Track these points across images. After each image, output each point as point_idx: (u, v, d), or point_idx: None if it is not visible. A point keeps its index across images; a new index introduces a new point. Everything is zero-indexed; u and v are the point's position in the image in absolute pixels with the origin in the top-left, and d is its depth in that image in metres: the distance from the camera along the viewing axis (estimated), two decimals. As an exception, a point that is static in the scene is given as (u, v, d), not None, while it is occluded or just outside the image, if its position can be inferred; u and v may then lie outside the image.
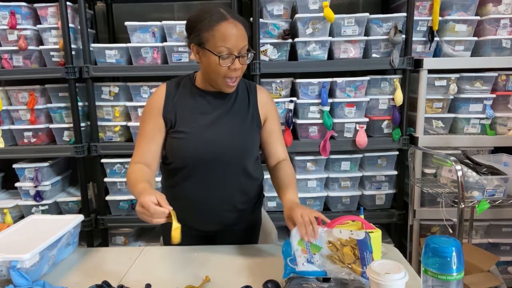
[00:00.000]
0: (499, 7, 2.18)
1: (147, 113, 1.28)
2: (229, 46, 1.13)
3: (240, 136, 1.26)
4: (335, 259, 0.96)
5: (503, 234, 2.30)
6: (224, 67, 1.15)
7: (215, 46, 1.14)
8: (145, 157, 1.25)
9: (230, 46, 1.13)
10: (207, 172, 1.25)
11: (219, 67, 1.15)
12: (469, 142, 2.21)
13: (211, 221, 1.32)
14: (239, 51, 1.15)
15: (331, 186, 2.32)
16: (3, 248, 1.07)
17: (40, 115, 2.30)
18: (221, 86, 1.22)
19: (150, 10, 2.53)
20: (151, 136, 1.26)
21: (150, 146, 1.26)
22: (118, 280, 1.08)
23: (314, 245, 1.00)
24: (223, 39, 1.13)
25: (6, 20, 2.16)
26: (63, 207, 2.40)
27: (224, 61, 1.15)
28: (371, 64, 2.19)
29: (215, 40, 1.13)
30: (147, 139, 1.26)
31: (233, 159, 1.26)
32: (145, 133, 1.27)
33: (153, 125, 1.26)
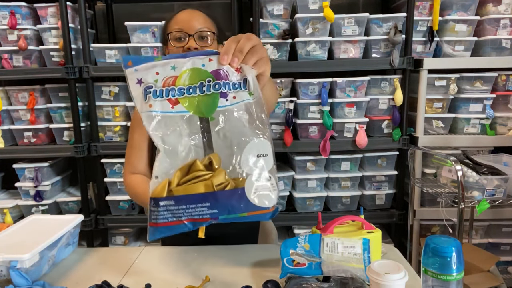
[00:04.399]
0: (499, 7, 2.18)
1: (133, 123, 1.30)
2: (181, 26, 1.13)
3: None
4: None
5: (503, 234, 2.30)
6: (179, 47, 1.14)
7: (171, 30, 1.15)
8: (138, 168, 1.27)
9: (182, 26, 1.13)
10: None
11: (175, 50, 1.14)
12: (469, 142, 2.21)
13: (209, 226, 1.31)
14: (196, 30, 1.13)
15: (331, 186, 2.32)
16: (3, 248, 1.07)
17: (40, 115, 2.30)
18: None
19: (150, 10, 2.53)
20: (140, 146, 1.27)
21: (140, 156, 1.27)
22: (118, 280, 1.08)
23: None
24: (176, 22, 1.15)
25: (6, 20, 2.16)
26: (63, 207, 2.40)
27: (179, 42, 1.14)
28: (371, 64, 2.19)
29: (171, 26, 1.15)
30: (136, 150, 1.27)
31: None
32: (133, 144, 1.28)
33: (140, 134, 1.27)
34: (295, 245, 1.01)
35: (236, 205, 0.69)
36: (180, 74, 0.70)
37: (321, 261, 0.95)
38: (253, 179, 0.70)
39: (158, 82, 0.70)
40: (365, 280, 0.89)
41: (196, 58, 0.71)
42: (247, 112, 0.71)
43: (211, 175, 0.69)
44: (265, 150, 0.71)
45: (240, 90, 0.71)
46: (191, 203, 0.69)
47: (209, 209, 0.69)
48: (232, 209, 0.70)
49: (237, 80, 0.71)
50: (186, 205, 0.69)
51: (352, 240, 0.99)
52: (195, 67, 0.70)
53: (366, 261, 0.94)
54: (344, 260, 0.95)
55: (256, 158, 0.70)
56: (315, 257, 0.96)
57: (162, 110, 0.70)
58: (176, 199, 0.68)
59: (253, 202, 0.69)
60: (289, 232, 2.46)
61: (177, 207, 0.69)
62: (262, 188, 0.70)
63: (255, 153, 0.70)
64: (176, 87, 0.70)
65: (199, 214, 0.69)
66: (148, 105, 0.70)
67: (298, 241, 1.02)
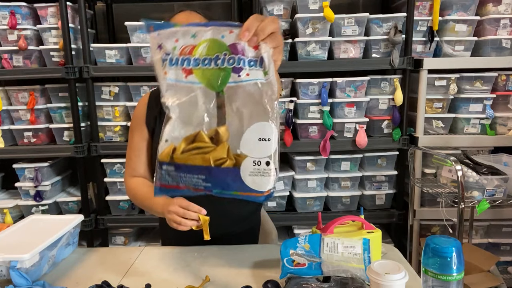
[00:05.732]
0: (499, 7, 2.18)
1: (133, 125, 1.30)
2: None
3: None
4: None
5: (503, 234, 2.30)
6: None
7: None
8: (139, 170, 1.27)
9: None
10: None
11: None
12: (469, 142, 2.21)
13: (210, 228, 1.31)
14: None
15: (331, 186, 2.32)
16: (3, 248, 1.07)
17: (40, 115, 2.30)
18: None
19: (150, 10, 2.53)
20: (140, 148, 1.27)
21: (140, 158, 1.27)
22: (118, 280, 1.08)
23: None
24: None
25: (6, 20, 2.16)
26: (63, 207, 2.40)
27: None
28: (371, 64, 2.19)
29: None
30: (136, 152, 1.28)
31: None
32: (133, 146, 1.28)
33: (139, 137, 1.27)
34: (295, 245, 1.01)
35: (230, 183, 0.70)
36: (198, 43, 0.69)
37: (321, 261, 0.95)
38: (250, 161, 0.69)
39: (176, 50, 0.70)
40: (365, 280, 0.89)
41: (217, 28, 0.69)
42: (258, 92, 0.69)
43: (213, 149, 0.69)
44: (268, 135, 0.69)
45: (254, 68, 0.69)
46: (188, 173, 0.70)
47: (204, 181, 0.70)
48: (226, 186, 0.70)
49: (253, 58, 0.69)
50: (183, 174, 0.71)
51: (352, 240, 0.99)
52: (214, 38, 0.69)
53: (366, 261, 0.94)
54: (344, 260, 0.95)
55: (257, 141, 0.69)
56: (315, 257, 0.96)
57: (175, 78, 0.71)
58: (176, 166, 0.71)
59: (247, 183, 0.69)
60: (289, 232, 2.46)
61: (176, 173, 0.72)
62: (258, 171, 0.69)
63: (258, 136, 0.69)
64: (192, 57, 0.69)
65: (195, 184, 0.71)
66: (164, 72, 0.71)
67: (298, 241, 1.02)
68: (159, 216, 1.17)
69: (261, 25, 0.69)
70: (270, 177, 0.71)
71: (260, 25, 0.69)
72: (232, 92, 0.70)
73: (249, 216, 1.35)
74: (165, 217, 1.09)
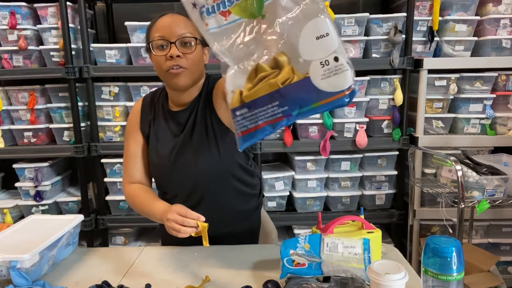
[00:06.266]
0: (499, 7, 2.18)
1: (127, 132, 1.30)
2: (162, 33, 1.11)
3: (207, 155, 1.18)
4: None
5: (503, 234, 2.31)
6: (161, 56, 1.12)
7: (153, 38, 1.13)
8: (136, 176, 1.28)
9: (163, 33, 1.11)
10: (194, 192, 1.24)
11: (158, 58, 1.12)
12: (469, 142, 2.21)
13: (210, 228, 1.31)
14: (177, 36, 1.11)
15: (331, 186, 2.32)
16: (3, 248, 1.07)
17: (40, 115, 2.30)
18: (169, 82, 1.16)
19: (150, 10, 2.53)
20: (136, 154, 1.27)
21: (137, 164, 1.27)
22: (118, 280, 1.08)
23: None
24: (157, 29, 1.13)
25: (6, 20, 2.16)
26: (63, 207, 2.40)
27: (161, 50, 1.12)
28: (371, 64, 2.19)
29: (153, 33, 1.13)
30: (132, 159, 1.28)
31: (212, 178, 1.21)
32: (129, 153, 1.28)
33: (134, 143, 1.27)
34: (295, 245, 1.01)
35: (305, 97, 0.65)
36: None
37: (321, 261, 0.95)
38: (317, 64, 0.64)
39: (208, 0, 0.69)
40: (365, 280, 0.89)
41: None
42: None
43: (277, 73, 0.67)
44: (324, 30, 0.64)
45: None
46: (262, 106, 0.67)
47: (279, 107, 0.66)
48: (302, 102, 0.66)
49: None
50: (258, 109, 0.67)
51: (352, 240, 0.99)
52: None
53: (366, 261, 0.94)
54: (344, 260, 0.95)
55: (316, 40, 0.64)
56: (315, 257, 0.96)
57: (218, 25, 0.69)
58: (247, 106, 0.68)
59: (323, 89, 0.64)
60: (289, 232, 2.46)
61: (251, 113, 0.69)
62: (330, 71, 0.64)
63: (314, 35, 0.64)
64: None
65: (272, 115, 0.67)
66: (205, 24, 0.70)
67: (298, 241, 1.02)
68: (158, 222, 1.17)
69: None
70: (344, 72, 0.65)
71: None
72: (272, 8, 0.67)
73: (249, 215, 1.35)
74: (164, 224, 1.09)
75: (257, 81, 0.67)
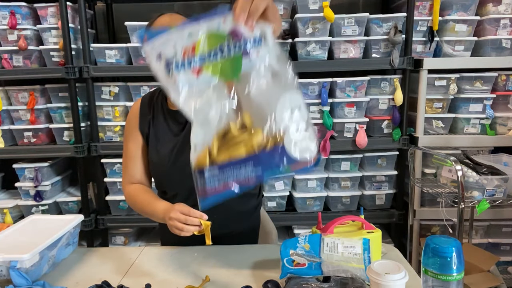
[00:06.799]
0: (499, 7, 2.18)
1: (126, 133, 1.30)
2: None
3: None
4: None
5: (503, 234, 2.30)
6: None
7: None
8: (136, 177, 1.28)
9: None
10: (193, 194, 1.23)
11: None
12: (469, 142, 2.21)
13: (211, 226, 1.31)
14: None
15: (331, 186, 2.32)
16: (3, 248, 1.07)
17: (40, 115, 2.30)
18: None
19: (150, 10, 2.52)
20: (135, 155, 1.27)
21: (136, 165, 1.28)
22: (118, 280, 1.08)
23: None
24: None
25: (6, 20, 2.16)
26: (63, 207, 2.40)
27: None
28: (371, 64, 2.19)
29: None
30: (132, 160, 1.28)
31: None
32: (128, 153, 1.28)
33: (133, 143, 1.28)
34: (295, 245, 1.01)
35: (279, 162, 0.69)
36: (197, 41, 0.67)
37: (321, 261, 0.95)
38: (291, 133, 0.69)
39: (177, 54, 0.68)
40: (365, 280, 0.89)
41: (210, 21, 0.68)
42: (272, 67, 0.68)
43: (250, 136, 0.68)
44: (297, 102, 0.69)
45: (260, 46, 0.68)
46: (236, 167, 0.69)
47: (254, 169, 0.69)
48: (276, 166, 0.70)
49: (256, 36, 0.68)
50: (231, 169, 0.69)
51: (352, 240, 0.99)
52: (211, 30, 0.67)
53: (366, 261, 0.94)
54: (344, 260, 0.95)
55: (290, 111, 0.68)
56: (315, 257, 0.96)
57: (188, 82, 0.69)
58: (219, 166, 0.69)
59: (295, 156, 0.69)
60: (289, 232, 2.46)
61: (222, 173, 0.69)
62: (301, 140, 0.69)
63: (289, 107, 0.68)
64: (197, 55, 0.67)
65: (245, 175, 0.69)
66: (173, 80, 0.69)
67: (298, 241, 1.02)
68: (160, 222, 1.17)
69: (253, 4, 0.67)
70: (313, 141, 0.71)
71: (252, 5, 0.67)
72: (249, 75, 0.69)
73: (248, 215, 1.35)
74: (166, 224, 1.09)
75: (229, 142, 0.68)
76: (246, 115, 0.69)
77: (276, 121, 0.67)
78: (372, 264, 0.82)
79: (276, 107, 0.68)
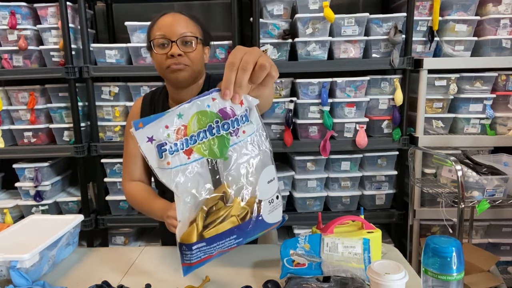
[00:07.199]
0: (499, 7, 2.18)
1: (127, 131, 1.30)
2: (163, 31, 1.12)
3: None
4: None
5: (503, 234, 2.31)
6: (162, 54, 1.13)
7: (154, 37, 1.14)
8: (135, 175, 1.28)
9: (164, 32, 1.12)
10: None
11: (159, 57, 1.13)
12: (469, 142, 2.22)
13: None
14: (178, 35, 1.12)
15: (331, 186, 2.32)
16: (3, 248, 1.07)
17: (40, 115, 2.30)
18: (169, 78, 1.16)
19: (150, 10, 2.53)
20: (135, 153, 1.27)
21: (137, 163, 1.28)
22: (118, 280, 1.08)
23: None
24: (159, 28, 1.13)
25: (6, 20, 2.16)
26: (63, 207, 2.40)
27: (162, 49, 1.13)
28: (371, 64, 2.19)
29: (154, 32, 1.14)
30: (132, 158, 1.28)
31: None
32: (129, 152, 1.29)
33: (134, 142, 1.27)
34: (295, 245, 1.01)
35: (257, 229, 0.77)
36: (188, 121, 0.70)
37: (321, 261, 0.95)
38: (267, 203, 0.76)
39: (170, 136, 0.70)
40: (365, 280, 0.89)
41: (199, 101, 0.71)
42: (255, 143, 0.75)
43: (231, 208, 0.73)
44: (273, 175, 0.77)
45: (247, 123, 0.73)
46: (221, 240, 0.74)
47: (236, 239, 0.76)
48: (254, 233, 0.77)
49: (242, 113, 0.73)
50: (217, 242, 0.74)
51: (352, 240, 0.99)
52: (201, 110, 0.71)
53: (366, 261, 0.94)
54: (344, 260, 0.95)
55: (267, 184, 0.75)
56: (315, 257, 0.96)
57: (180, 164, 0.71)
58: (207, 240, 0.73)
59: (268, 222, 0.77)
60: (289, 232, 2.46)
61: (209, 246, 0.74)
62: (273, 207, 0.77)
63: (267, 180, 0.75)
64: (188, 136, 0.70)
65: (228, 245, 0.76)
66: (166, 163, 0.70)
67: (298, 241, 1.02)
68: (158, 219, 1.17)
69: (236, 80, 0.69)
70: (280, 206, 0.80)
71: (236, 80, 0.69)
72: (234, 152, 0.73)
73: None
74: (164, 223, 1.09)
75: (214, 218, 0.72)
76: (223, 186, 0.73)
77: (257, 193, 0.74)
78: (372, 264, 0.82)
79: (259, 180, 0.74)
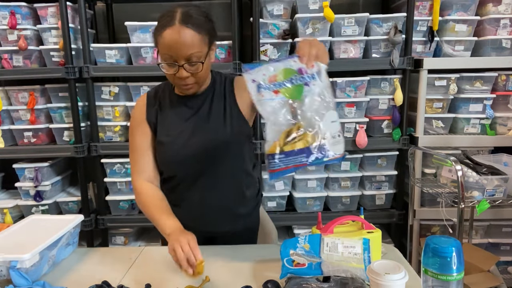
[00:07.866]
0: (499, 7, 2.18)
1: (133, 125, 1.29)
2: (170, 52, 1.10)
3: (221, 135, 1.22)
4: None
5: (503, 234, 2.31)
6: (171, 74, 1.14)
7: (161, 53, 1.13)
8: (146, 171, 1.26)
9: (171, 54, 1.10)
10: (198, 178, 1.24)
11: (168, 74, 1.16)
12: (469, 142, 2.21)
13: (209, 225, 1.31)
14: (185, 58, 1.11)
15: (331, 186, 2.32)
16: (3, 248, 1.07)
17: (40, 115, 2.30)
18: (178, 89, 1.24)
19: (150, 10, 2.53)
20: (143, 147, 1.26)
21: (146, 157, 1.26)
22: (118, 280, 1.08)
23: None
24: (166, 47, 1.11)
25: (6, 20, 2.16)
26: (63, 207, 2.40)
27: (170, 69, 1.13)
28: (371, 64, 2.19)
29: (161, 47, 1.13)
30: (140, 153, 1.26)
31: (219, 160, 1.23)
32: (136, 147, 1.27)
33: (141, 136, 1.27)
34: (295, 245, 1.01)
35: (320, 154, 0.98)
36: (277, 73, 1.02)
37: (321, 261, 0.95)
38: (331, 137, 0.99)
39: (265, 80, 1.01)
40: (365, 280, 0.89)
41: (286, 61, 1.03)
42: (322, 94, 1.01)
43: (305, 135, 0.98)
44: (335, 117, 1.00)
45: (317, 80, 1.02)
46: (295, 155, 0.97)
47: (305, 158, 0.97)
48: (320, 157, 0.98)
49: (314, 72, 1.02)
50: (292, 156, 0.97)
51: (352, 240, 0.99)
52: (286, 68, 1.02)
53: (366, 261, 0.94)
54: (344, 260, 0.95)
55: (331, 123, 0.99)
56: (315, 257, 0.96)
57: (269, 98, 1.00)
58: (286, 153, 0.98)
59: (330, 151, 0.99)
60: (289, 232, 2.46)
61: (286, 158, 0.97)
62: (336, 141, 0.99)
63: (330, 120, 0.99)
64: (277, 82, 1.01)
65: (300, 161, 0.97)
66: (261, 95, 1.00)
67: (298, 241, 1.02)
68: (162, 234, 1.15)
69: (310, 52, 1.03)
70: (343, 143, 1.00)
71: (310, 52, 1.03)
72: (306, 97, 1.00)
73: (247, 215, 1.35)
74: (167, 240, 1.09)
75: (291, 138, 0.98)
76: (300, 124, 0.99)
77: (321, 129, 0.98)
78: (372, 264, 0.82)
79: (322, 119, 0.99)
